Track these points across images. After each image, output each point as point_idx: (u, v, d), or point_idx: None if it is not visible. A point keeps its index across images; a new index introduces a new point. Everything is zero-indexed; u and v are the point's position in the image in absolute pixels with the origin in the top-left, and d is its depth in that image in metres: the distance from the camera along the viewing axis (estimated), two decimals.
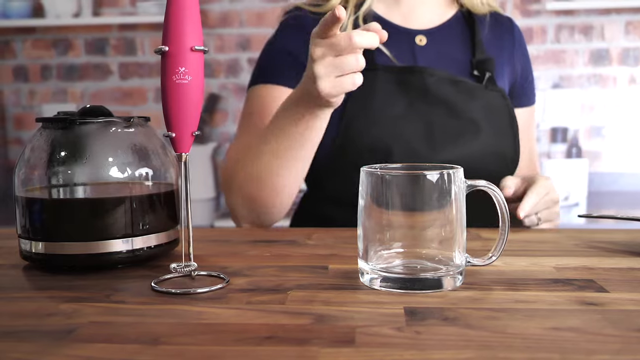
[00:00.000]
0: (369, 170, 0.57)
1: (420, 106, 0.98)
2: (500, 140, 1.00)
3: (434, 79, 0.98)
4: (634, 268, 0.63)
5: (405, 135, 0.96)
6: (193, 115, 0.56)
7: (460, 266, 0.57)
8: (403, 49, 1.02)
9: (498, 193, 0.57)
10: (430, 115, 0.97)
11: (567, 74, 2.43)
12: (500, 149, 1.00)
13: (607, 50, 2.39)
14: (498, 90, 1.02)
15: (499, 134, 1.00)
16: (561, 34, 2.41)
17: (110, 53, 2.54)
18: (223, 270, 0.63)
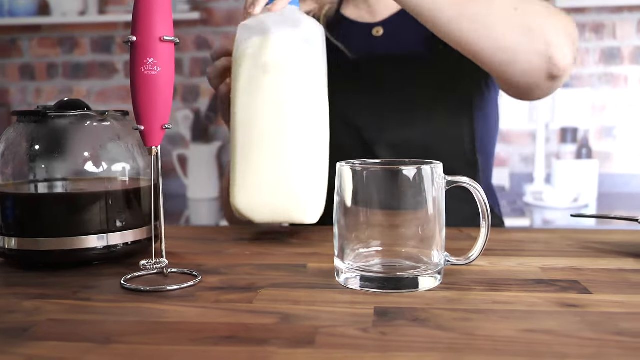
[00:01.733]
0: (344, 165, 0.55)
1: (370, 98, 0.98)
2: (455, 121, 0.97)
3: (384, 67, 0.99)
4: (623, 269, 0.60)
5: (359, 127, 0.98)
6: (163, 108, 0.54)
7: (438, 265, 0.55)
8: (361, 43, 1.03)
9: (479, 190, 0.55)
10: (380, 105, 0.98)
11: (578, 73, 2.39)
12: (454, 131, 0.97)
13: (619, 49, 2.35)
14: (454, 64, 0.94)
15: (453, 115, 0.97)
16: None
17: (116, 51, 2.55)
18: (198, 268, 0.61)
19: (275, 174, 0.72)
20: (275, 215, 0.73)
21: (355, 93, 0.99)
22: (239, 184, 0.72)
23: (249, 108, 0.72)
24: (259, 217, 0.73)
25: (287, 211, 0.73)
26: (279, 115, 0.72)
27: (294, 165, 0.72)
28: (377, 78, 0.99)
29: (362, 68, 1.00)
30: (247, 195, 0.72)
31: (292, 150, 0.72)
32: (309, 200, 0.73)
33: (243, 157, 0.72)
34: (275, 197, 0.72)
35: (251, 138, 0.72)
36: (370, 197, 0.54)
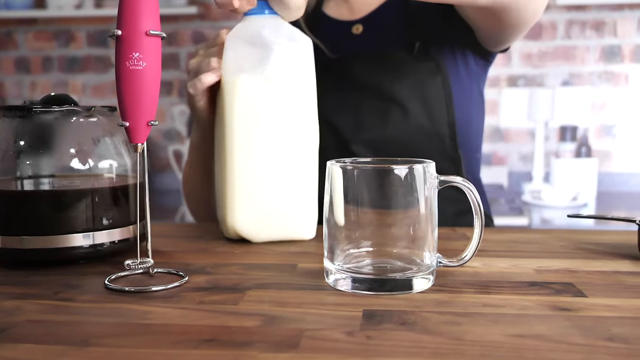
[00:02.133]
0: (335, 164, 0.54)
1: (348, 96, 0.98)
2: (432, 116, 0.97)
3: (360, 64, 0.98)
4: (618, 271, 0.59)
5: (335, 127, 0.97)
6: (148, 104, 0.53)
7: (430, 267, 0.54)
8: (340, 41, 1.02)
9: (472, 190, 0.54)
10: (358, 104, 0.97)
11: (578, 71, 2.38)
12: (433, 126, 0.96)
13: (620, 47, 2.33)
14: (431, 60, 0.96)
15: (430, 110, 0.96)
16: (572, 29, 2.36)
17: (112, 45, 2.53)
18: (185, 268, 0.60)
19: (274, 193, 0.71)
20: (274, 234, 0.72)
21: (333, 91, 0.98)
22: (234, 204, 0.71)
23: (246, 123, 0.70)
24: (256, 237, 0.72)
25: (286, 230, 0.72)
26: (278, 130, 0.71)
27: (292, 183, 0.71)
28: (355, 76, 0.98)
29: (340, 66, 0.99)
30: (244, 215, 0.71)
31: (292, 166, 0.71)
32: (307, 216, 0.73)
33: (239, 177, 0.70)
34: (273, 216, 0.72)
35: (248, 156, 0.70)
36: (360, 197, 0.53)
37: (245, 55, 0.70)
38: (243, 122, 0.70)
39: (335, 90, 0.98)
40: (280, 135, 0.71)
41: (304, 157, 0.73)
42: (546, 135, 2.42)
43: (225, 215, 0.72)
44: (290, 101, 0.71)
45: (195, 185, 0.94)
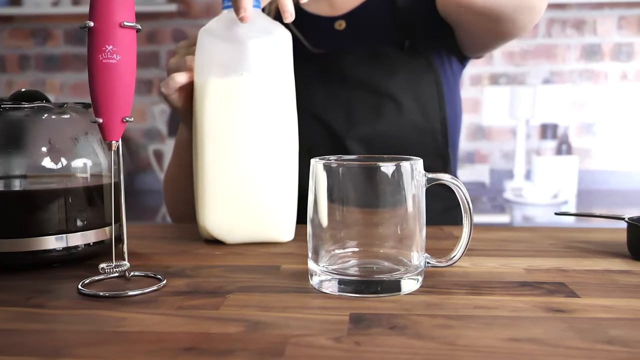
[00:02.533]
0: (319, 161, 0.52)
1: (338, 91, 0.96)
2: (426, 113, 0.95)
3: (350, 59, 0.96)
4: (610, 270, 0.58)
5: (326, 122, 0.95)
6: (123, 99, 0.50)
7: (418, 267, 0.52)
8: (323, 37, 1.00)
9: (462, 188, 0.52)
10: (349, 98, 0.95)
11: (559, 69, 2.38)
12: (426, 123, 0.95)
13: (599, 45, 2.34)
14: (422, 57, 0.96)
15: (424, 107, 0.95)
16: (553, 28, 2.36)
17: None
18: (164, 271, 0.58)
19: (250, 193, 0.69)
20: (249, 235, 0.70)
21: (323, 86, 0.96)
22: (206, 203, 0.69)
23: (220, 122, 0.68)
24: (231, 238, 0.70)
25: (262, 231, 0.70)
26: (254, 129, 0.68)
27: (269, 183, 0.69)
28: (343, 71, 0.96)
29: (328, 61, 0.97)
30: (216, 215, 0.69)
31: (267, 165, 0.69)
32: (285, 217, 0.71)
33: (213, 176, 0.68)
34: (248, 217, 0.69)
35: (223, 154, 0.68)
36: (346, 195, 0.51)
37: (218, 52, 0.68)
38: (214, 122, 0.68)
39: (323, 84, 0.96)
40: (255, 134, 0.68)
41: (281, 156, 0.70)
42: (527, 133, 2.42)
43: (197, 215, 0.70)
44: (266, 98, 0.69)
45: (180, 188, 0.90)
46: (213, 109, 0.67)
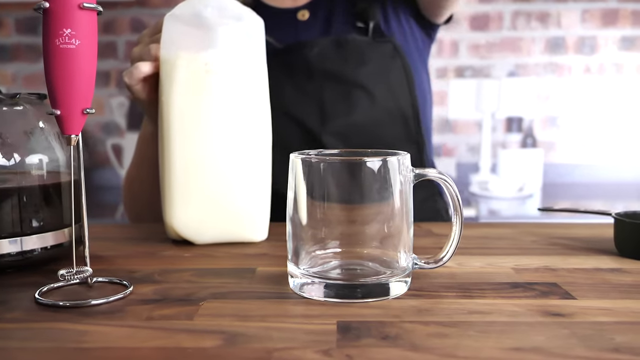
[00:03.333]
0: (298, 156, 0.48)
1: (307, 85, 0.92)
2: (397, 100, 0.93)
3: (316, 51, 0.92)
4: (599, 269, 0.56)
5: (299, 119, 0.91)
6: (83, 89, 0.46)
7: (406, 269, 0.49)
8: (286, 30, 0.96)
9: (450, 183, 0.49)
10: (320, 92, 0.92)
11: (524, 62, 2.39)
12: (398, 109, 0.93)
13: (564, 38, 2.36)
14: (388, 41, 0.93)
15: (394, 94, 0.93)
16: (518, 20, 2.37)
17: None
18: (130, 276, 0.53)
19: (220, 189, 0.65)
20: (220, 235, 0.66)
21: (291, 82, 0.92)
22: (176, 201, 0.64)
23: (188, 114, 0.63)
24: (200, 238, 0.65)
25: (233, 230, 0.66)
26: (224, 121, 0.64)
27: (240, 178, 0.65)
28: (312, 63, 0.92)
29: (293, 54, 0.93)
30: (186, 214, 0.64)
31: (239, 160, 0.65)
32: (257, 216, 0.67)
33: (180, 171, 0.64)
34: (217, 215, 0.65)
35: (190, 148, 0.64)
36: (327, 193, 0.47)
37: (185, 39, 0.63)
38: (181, 113, 0.63)
39: (291, 79, 0.92)
40: (225, 126, 0.64)
41: (253, 151, 0.66)
42: (493, 126, 2.42)
43: (164, 214, 0.65)
44: (236, 89, 0.64)
45: (143, 187, 0.85)
46: (180, 99, 0.63)
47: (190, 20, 0.63)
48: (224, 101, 0.64)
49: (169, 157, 0.64)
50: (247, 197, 0.66)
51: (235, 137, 0.65)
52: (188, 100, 0.63)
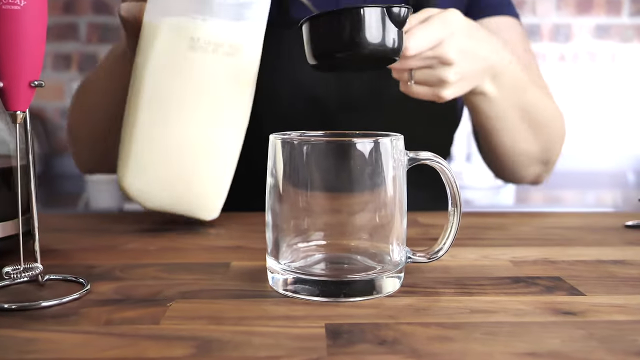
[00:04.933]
0: (279, 138, 0.43)
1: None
2: (437, 127, 0.87)
3: None
4: (602, 261, 0.52)
5: (322, 101, 0.82)
6: (30, 58, 0.39)
7: (399, 264, 0.44)
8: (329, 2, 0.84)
9: (447, 168, 0.44)
10: (351, 76, 0.82)
11: None
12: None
13: (539, 26, 2.33)
14: None
15: (435, 119, 0.85)
16: None
17: None
18: (87, 272, 0.47)
19: (181, 160, 0.60)
20: (169, 204, 0.61)
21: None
22: (133, 160, 0.59)
23: (165, 75, 0.58)
24: (149, 203, 0.61)
25: (184, 203, 0.61)
26: (199, 104, 0.59)
27: (204, 156, 0.60)
28: None
29: None
30: (140, 176, 0.60)
31: (207, 135, 0.60)
32: (212, 195, 0.62)
33: (144, 133, 0.59)
34: (174, 185, 0.60)
35: (160, 112, 0.59)
36: (312, 179, 0.42)
37: (174, 2, 0.58)
38: (158, 72, 0.58)
39: None
40: (199, 108, 0.59)
41: (224, 132, 0.61)
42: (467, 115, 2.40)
43: (118, 169, 0.61)
44: (221, 72, 0.59)
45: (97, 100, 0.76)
46: (155, 76, 0.58)
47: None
48: (204, 85, 0.58)
49: (134, 114, 0.59)
50: (206, 174, 0.61)
51: (208, 118, 0.59)
52: (163, 78, 0.58)
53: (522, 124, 0.75)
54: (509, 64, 0.69)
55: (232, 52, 0.59)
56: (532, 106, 0.75)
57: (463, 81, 0.64)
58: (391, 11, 0.52)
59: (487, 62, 0.66)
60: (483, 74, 0.66)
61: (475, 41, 0.64)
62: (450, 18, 0.62)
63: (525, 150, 0.79)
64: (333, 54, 0.54)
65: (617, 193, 2.20)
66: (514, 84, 0.70)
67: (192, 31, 0.57)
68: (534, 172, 0.84)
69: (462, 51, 0.62)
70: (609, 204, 2.12)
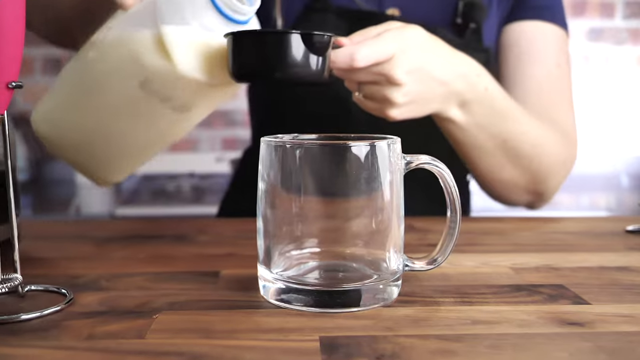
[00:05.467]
0: (271, 141, 0.41)
1: None
2: None
3: None
4: (605, 267, 0.50)
5: (344, 103, 0.74)
6: (8, 57, 0.37)
7: (396, 272, 0.42)
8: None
9: (446, 173, 0.42)
10: None
11: None
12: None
13: None
14: (483, 51, 0.77)
15: None
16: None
17: None
18: (72, 282, 0.45)
19: (91, 137, 0.59)
20: (73, 155, 0.62)
21: None
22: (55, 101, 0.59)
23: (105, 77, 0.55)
24: (51, 144, 0.61)
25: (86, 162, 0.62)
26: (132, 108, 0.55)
27: (116, 143, 0.59)
28: None
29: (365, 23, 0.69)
30: (52, 122, 0.59)
31: (121, 131, 0.58)
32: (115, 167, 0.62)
33: (72, 93, 0.58)
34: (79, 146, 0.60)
35: (89, 88, 0.56)
36: (305, 184, 0.40)
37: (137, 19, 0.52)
38: (103, 65, 0.55)
39: None
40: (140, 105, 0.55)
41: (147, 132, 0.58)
42: None
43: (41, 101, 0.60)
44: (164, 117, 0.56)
45: None
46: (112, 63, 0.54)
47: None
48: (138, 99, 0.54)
49: (79, 67, 0.57)
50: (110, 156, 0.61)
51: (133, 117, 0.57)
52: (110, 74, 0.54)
53: (501, 155, 0.69)
54: (483, 92, 0.63)
55: (181, 110, 0.56)
56: (515, 138, 0.68)
57: (414, 104, 0.60)
58: (311, 37, 0.50)
59: (448, 87, 0.61)
60: (444, 100, 0.62)
61: (434, 63, 0.59)
62: (407, 34, 0.58)
63: (507, 179, 0.73)
64: (251, 75, 0.52)
65: (612, 195, 2.19)
66: (490, 112, 0.65)
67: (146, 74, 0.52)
68: (526, 199, 0.77)
69: (413, 72, 0.57)
70: (603, 207, 2.11)
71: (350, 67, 0.55)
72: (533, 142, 0.70)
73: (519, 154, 0.69)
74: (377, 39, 0.56)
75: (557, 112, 0.76)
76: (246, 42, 0.50)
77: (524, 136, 0.68)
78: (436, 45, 0.61)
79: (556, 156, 0.73)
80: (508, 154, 0.69)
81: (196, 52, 0.51)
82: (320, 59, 0.51)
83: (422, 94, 0.60)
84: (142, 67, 0.51)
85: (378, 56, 0.55)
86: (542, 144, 0.71)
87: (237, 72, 0.51)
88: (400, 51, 0.56)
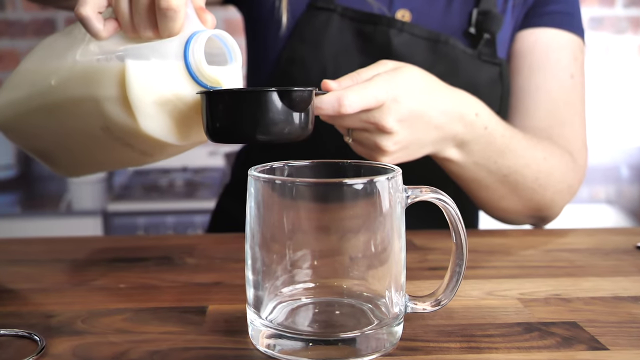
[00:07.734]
0: (258, 175, 0.37)
1: None
2: None
3: (405, 37, 0.71)
4: (619, 297, 0.47)
5: None
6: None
7: (398, 315, 0.38)
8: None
9: (450, 206, 0.39)
10: None
11: None
12: None
13: None
14: (496, 63, 0.73)
15: None
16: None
17: None
18: (45, 323, 0.42)
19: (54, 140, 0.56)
20: (29, 151, 0.61)
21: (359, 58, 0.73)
22: (9, 103, 0.55)
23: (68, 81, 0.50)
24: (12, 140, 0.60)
25: (41, 158, 0.61)
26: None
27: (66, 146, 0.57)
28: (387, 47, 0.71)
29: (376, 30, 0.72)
30: (9, 118, 0.56)
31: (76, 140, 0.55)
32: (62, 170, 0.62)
33: (31, 98, 0.52)
34: (38, 148, 0.60)
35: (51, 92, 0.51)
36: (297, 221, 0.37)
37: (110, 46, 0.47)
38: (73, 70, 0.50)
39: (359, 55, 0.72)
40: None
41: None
42: None
43: None
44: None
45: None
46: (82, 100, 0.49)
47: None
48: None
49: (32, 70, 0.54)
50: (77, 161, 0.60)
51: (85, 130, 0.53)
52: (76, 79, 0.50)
53: (502, 188, 0.66)
54: (483, 131, 0.60)
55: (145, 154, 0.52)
56: (516, 171, 0.65)
57: (407, 149, 0.56)
58: (290, 94, 0.46)
59: (444, 131, 0.57)
60: (439, 143, 0.59)
61: (429, 108, 0.56)
62: (399, 79, 0.54)
63: (508, 208, 0.69)
64: (229, 137, 0.47)
65: (611, 187, 2.16)
66: (490, 150, 0.62)
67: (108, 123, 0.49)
68: (530, 222, 0.74)
69: (404, 120, 0.54)
70: (603, 199, 2.08)
71: (337, 113, 0.51)
72: (536, 175, 0.66)
73: (521, 186, 0.66)
74: (366, 84, 0.52)
75: (567, 129, 0.73)
76: (221, 101, 0.45)
77: (526, 169, 0.65)
78: (431, 87, 0.57)
79: (561, 183, 0.69)
80: (509, 187, 0.66)
81: (164, 111, 0.47)
82: (302, 114, 0.47)
83: (415, 140, 0.56)
84: (104, 118, 0.48)
85: (367, 103, 0.51)
86: (547, 174, 0.67)
87: (212, 134, 0.46)
88: (392, 98, 0.53)
